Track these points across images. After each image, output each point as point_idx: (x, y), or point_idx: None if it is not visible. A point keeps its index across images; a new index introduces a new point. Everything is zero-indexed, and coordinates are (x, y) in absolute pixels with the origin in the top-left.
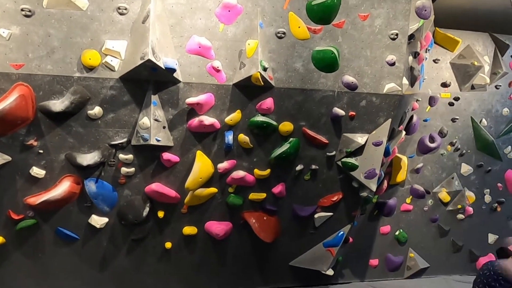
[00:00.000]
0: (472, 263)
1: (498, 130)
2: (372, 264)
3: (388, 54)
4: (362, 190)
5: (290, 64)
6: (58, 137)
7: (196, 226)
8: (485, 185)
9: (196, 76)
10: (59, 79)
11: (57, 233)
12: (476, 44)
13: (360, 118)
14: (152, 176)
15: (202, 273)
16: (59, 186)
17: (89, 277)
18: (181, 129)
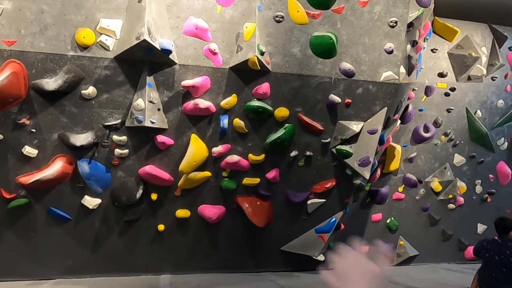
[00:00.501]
0: (460, 251)
1: (492, 121)
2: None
3: (386, 42)
4: (356, 177)
5: (287, 49)
6: (51, 116)
7: (189, 209)
8: (477, 176)
9: (192, 58)
10: (53, 57)
11: (49, 213)
12: (475, 34)
13: (356, 106)
14: (146, 158)
15: (194, 256)
16: (51, 166)
17: (81, 257)
18: (176, 111)
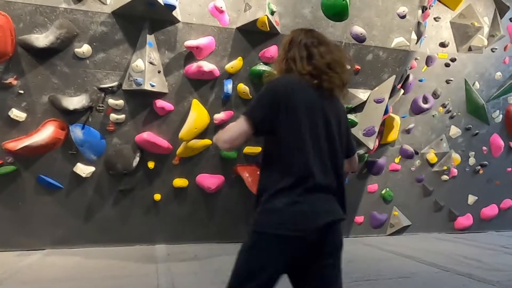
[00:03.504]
0: (450, 222)
1: (489, 94)
2: (357, 221)
3: (400, 6)
4: (358, 147)
5: (298, 10)
6: (41, 76)
7: (187, 178)
8: (471, 148)
9: (197, 17)
10: (43, 9)
11: (39, 181)
12: (478, 3)
13: (365, 73)
14: (144, 125)
15: (190, 225)
16: (41, 131)
17: (73, 227)
18: (177, 74)
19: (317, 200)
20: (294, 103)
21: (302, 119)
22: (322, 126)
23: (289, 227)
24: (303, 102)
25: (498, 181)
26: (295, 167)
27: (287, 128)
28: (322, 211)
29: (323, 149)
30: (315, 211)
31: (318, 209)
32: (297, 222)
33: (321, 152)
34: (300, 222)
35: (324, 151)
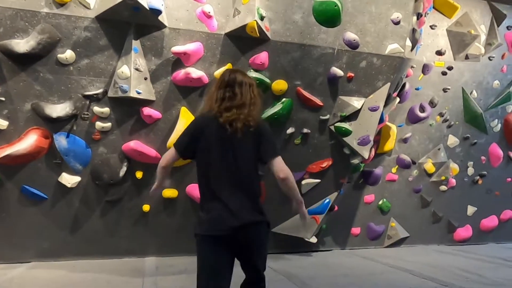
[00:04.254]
0: (449, 233)
1: (487, 102)
2: (354, 233)
3: (394, 12)
4: (353, 157)
5: (289, 15)
6: (23, 83)
7: (177, 188)
8: (469, 158)
9: (184, 22)
10: (24, 14)
11: (23, 191)
12: (474, 12)
13: (358, 80)
14: (131, 133)
15: (180, 237)
16: (24, 140)
17: (58, 239)
18: (164, 81)
19: (223, 208)
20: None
21: (210, 148)
22: (222, 152)
23: (207, 229)
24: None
25: (497, 191)
26: (204, 186)
27: (200, 154)
28: (226, 217)
29: (226, 169)
30: (222, 217)
31: (223, 216)
32: (212, 226)
33: (225, 172)
34: (213, 225)
35: (227, 171)
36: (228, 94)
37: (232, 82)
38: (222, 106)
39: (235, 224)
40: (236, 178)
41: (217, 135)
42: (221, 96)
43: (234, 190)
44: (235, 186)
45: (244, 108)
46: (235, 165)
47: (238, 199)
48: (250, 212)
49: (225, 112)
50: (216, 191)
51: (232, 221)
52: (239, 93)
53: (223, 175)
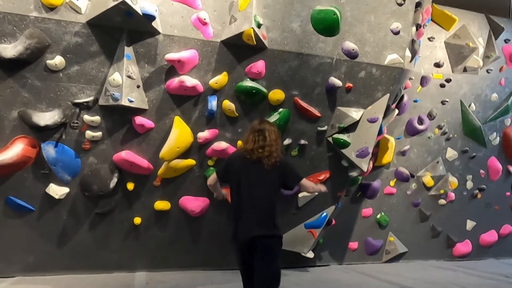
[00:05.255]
0: (448, 248)
1: (486, 115)
2: (352, 247)
3: (393, 22)
4: (351, 169)
5: (286, 24)
6: (10, 90)
7: (169, 201)
8: (468, 171)
9: (179, 28)
10: (11, 17)
11: (8, 202)
12: (472, 24)
13: (357, 91)
14: (122, 143)
15: (172, 251)
16: (10, 149)
17: (45, 253)
18: (158, 90)
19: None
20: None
21: (240, 177)
22: (250, 181)
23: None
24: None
25: (497, 205)
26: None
27: (233, 181)
28: (246, 230)
29: (250, 196)
30: (243, 230)
31: (244, 229)
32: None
33: (249, 198)
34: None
35: (250, 196)
36: (259, 138)
37: (262, 129)
38: (255, 146)
39: (250, 235)
40: (257, 200)
41: (248, 167)
42: (254, 139)
43: (254, 210)
44: (256, 207)
45: (271, 147)
46: (259, 191)
47: (255, 216)
48: (263, 228)
49: (258, 150)
50: (242, 209)
51: (248, 233)
52: (268, 136)
53: (248, 198)
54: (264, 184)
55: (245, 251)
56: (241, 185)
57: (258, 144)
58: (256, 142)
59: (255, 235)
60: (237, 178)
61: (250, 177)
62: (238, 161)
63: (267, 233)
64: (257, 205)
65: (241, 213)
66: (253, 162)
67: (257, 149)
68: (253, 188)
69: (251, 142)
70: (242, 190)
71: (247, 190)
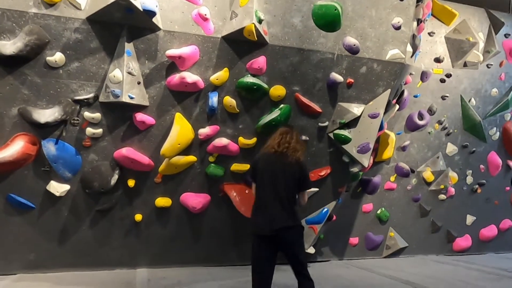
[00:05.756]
0: (449, 243)
1: (486, 110)
2: (352, 243)
3: (394, 16)
4: (352, 165)
5: (287, 19)
6: (10, 87)
7: (170, 197)
8: (468, 166)
9: (179, 24)
10: (10, 14)
11: (9, 200)
12: (472, 19)
13: (358, 87)
14: (123, 140)
15: (174, 248)
16: (10, 146)
17: (46, 250)
18: (158, 86)
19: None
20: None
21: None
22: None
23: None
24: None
25: (496, 200)
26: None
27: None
28: (267, 222)
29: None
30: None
31: (266, 221)
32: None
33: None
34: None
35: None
36: (286, 136)
37: (288, 131)
38: (281, 141)
39: (276, 227)
40: (279, 191)
41: (272, 162)
42: (280, 137)
43: (278, 203)
44: (279, 199)
45: (296, 145)
46: (282, 184)
47: (277, 209)
48: (285, 220)
49: (284, 145)
50: (266, 202)
51: (271, 225)
52: (294, 137)
53: (272, 191)
54: (287, 177)
55: (267, 243)
56: (266, 179)
57: (284, 140)
58: (283, 138)
59: (281, 227)
60: (262, 173)
61: (274, 171)
62: (264, 157)
63: (291, 224)
64: (280, 197)
65: (265, 206)
66: (278, 156)
67: (283, 144)
68: (276, 181)
69: (277, 139)
70: (266, 184)
71: (271, 184)
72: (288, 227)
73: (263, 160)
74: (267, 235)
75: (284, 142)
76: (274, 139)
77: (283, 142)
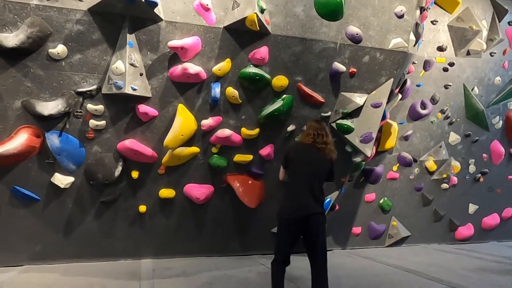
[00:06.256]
0: (451, 232)
1: (489, 99)
2: (355, 232)
3: (397, 5)
4: (355, 155)
5: (289, 8)
6: (13, 79)
7: (174, 188)
8: (471, 155)
9: (181, 15)
10: (12, 6)
11: (14, 192)
12: (475, 7)
13: (361, 76)
14: (126, 131)
15: (178, 239)
16: (15, 139)
17: (51, 241)
18: (161, 77)
19: (296, 202)
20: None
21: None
22: (305, 166)
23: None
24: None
25: (499, 189)
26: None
27: (290, 166)
28: (297, 208)
29: (306, 178)
30: (294, 207)
31: (295, 207)
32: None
33: (305, 180)
34: (287, 212)
35: (306, 180)
36: (323, 133)
37: (323, 128)
38: (318, 140)
39: (304, 213)
40: (310, 181)
41: (307, 155)
42: (316, 133)
43: (308, 192)
44: (308, 186)
45: (331, 145)
46: (312, 172)
47: (308, 197)
48: (315, 207)
49: (321, 143)
50: (295, 190)
51: (302, 211)
52: (328, 134)
53: (306, 180)
54: (320, 170)
55: (295, 228)
56: (299, 168)
57: (321, 139)
58: (319, 136)
59: (310, 213)
60: (296, 162)
61: (309, 162)
62: (299, 148)
63: (318, 210)
64: (312, 187)
65: (298, 193)
66: (314, 150)
67: (320, 142)
68: (310, 172)
69: (313, 136)
70: (300, 173)
71: (305, 174)
72: (317, 213)
73: (297, 151)
74: (297, 219)
75: (321, 141)
76: (307, 135)
77: (320, 141)
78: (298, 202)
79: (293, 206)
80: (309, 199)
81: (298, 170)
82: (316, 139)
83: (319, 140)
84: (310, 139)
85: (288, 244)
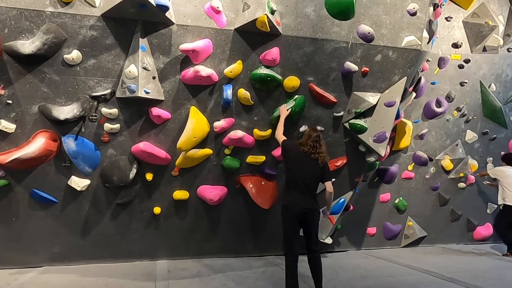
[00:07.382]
0: (469, 232)
1: (506, 96)
2: (370, 233)
3: (409, 2)
4: (369, 155)
5: (300, 9)
6: (29, 85)
7: (188, 190)
8: (489, 154)
9: (192, 18)
10: (28, 13)
11: (33, 195)
12: (491, 2)
13: (373, 75)
14: (140, 134)
15: (193, 240)
16: (32, 143)
17: (70, 243)
18: (173, 80)
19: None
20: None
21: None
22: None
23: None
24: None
25: None
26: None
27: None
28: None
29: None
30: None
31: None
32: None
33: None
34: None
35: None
36: (317, 145)
37: (318, 139)
38: (313, 150)
39: (305, 206)
40: (306, 183)
41: (305, 160)
42: (312, 144)
43: (306, 190)
44: (307, 188)
45: (324, 154)
46: (311, 178)
47: (305, 194)
48: (312, 203)
49: (316, 153)
50: (295, 187)
51: (300, 205)
52: (322, 145)
53: (303, 181)
54: (314, 174)
55: (297, 218)
56: (296, 172)
57: (315, 149)
58: (313, 147)
59: (308, 207)
60: (294, 164)
61: (307, 167)
62: (296, 150)
63: (315, 206)
64: (308, 187)
65: (297, 190)
66: (309, 158)
67: (315, 152)
68: (306, 177)
69: (310, 147)
70: (297, 176)
71: (301, 178)
72: (314, 208)
73: (295, 153)
74: (298, 211)
75: (315, 151)
76: (306, 144)
77: (314, 151)
78: (299, 197)
79: (295, 199)
80: (306, 197)
81: (296, 173)
82: (312, 150)
83: (314, 151)
84: (307, 149)
85: (294, 233)
